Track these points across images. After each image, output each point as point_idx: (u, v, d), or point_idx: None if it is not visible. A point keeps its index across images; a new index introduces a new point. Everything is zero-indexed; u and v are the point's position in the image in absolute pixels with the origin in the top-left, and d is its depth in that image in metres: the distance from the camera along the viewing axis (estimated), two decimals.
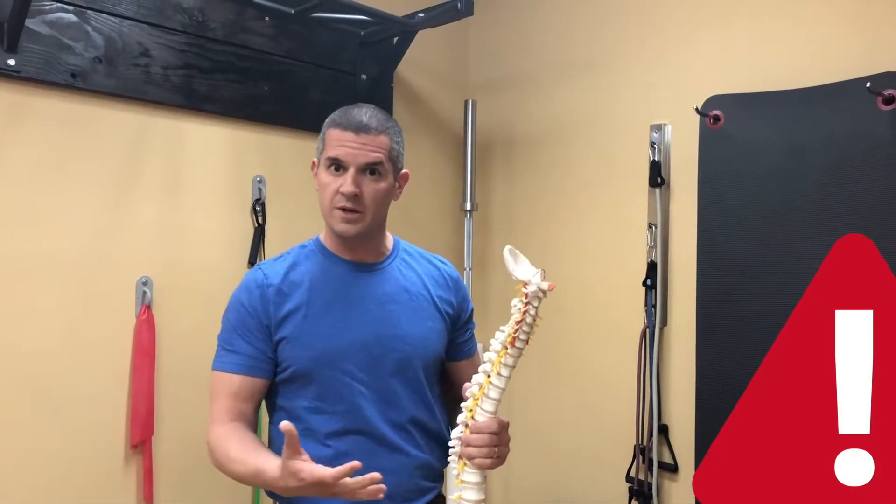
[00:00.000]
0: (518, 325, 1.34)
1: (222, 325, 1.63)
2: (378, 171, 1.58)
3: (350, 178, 1.54)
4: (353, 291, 1.62)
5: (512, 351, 1.36)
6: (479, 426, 1.41)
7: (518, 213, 2.78)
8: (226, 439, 1.53)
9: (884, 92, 1.88)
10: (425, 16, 2.39)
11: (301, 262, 1.65)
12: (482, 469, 1.42)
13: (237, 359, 1.58)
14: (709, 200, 2.19)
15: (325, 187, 1.57)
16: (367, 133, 1.56)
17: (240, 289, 1.63)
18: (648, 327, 2.34)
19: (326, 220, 1.61)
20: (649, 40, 2.42)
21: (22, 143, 1.91)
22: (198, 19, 2.18)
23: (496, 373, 1.38)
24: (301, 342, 1.57)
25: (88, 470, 1.99)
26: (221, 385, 1.58)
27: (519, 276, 1.34)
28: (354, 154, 1.55)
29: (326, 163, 1.58)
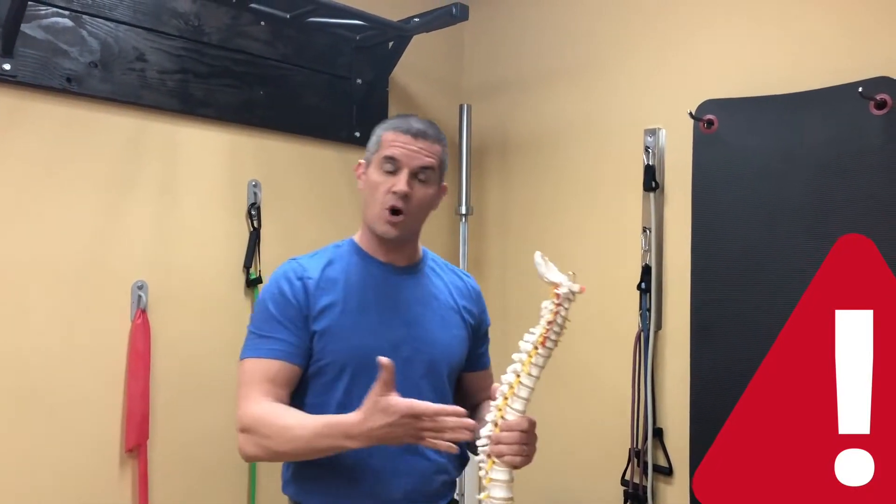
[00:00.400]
0: (549, 325, 1.40)
1: (257, 314, 1.62)
2: (428, 176, 1.63)
3: (404, 178, 1.59)
4: (386, 292, 1.65)
5: (542, 351, 1.41)
6: (510, 424, 1.43)
7: (513, 217, 2.79)
8: (273, 412, 1.50)
9: (876, 96, 1.90)
10: (420, 20, 2.39)
11: (336, 261, 1.67)
12: (511, 467, 1.44)
13: (276, 345, 1.57)
14: (703, 204, 2.20)
15: (376, 186, 1.61)
16: (425, 139, 1.62)
17: (278, 279, 1.63)
18: (643, 331, 2.35)
19: (370, 221, 1.64)
20: (643, 45, 2.43)
21: (18, 147, 1.90)
22: (193, 24, 2.19)
23: (526, 372, 1.41)
24: (337, 336, 1.58)
25: (83, 474, 1.98)
26: (257, 371, 1.56)
27: (551, 279, 1.40)
28: (410, 156, 1.60)
29: (380, 162, 1.61)
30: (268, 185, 2.35)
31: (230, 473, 2.27)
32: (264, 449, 1.51)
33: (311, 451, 1.48)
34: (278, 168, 2.39)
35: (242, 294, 2.30)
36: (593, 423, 2.51)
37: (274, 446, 1.49)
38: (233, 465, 2.27)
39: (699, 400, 2.17)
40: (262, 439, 1.50)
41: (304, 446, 1.47)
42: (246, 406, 1.53)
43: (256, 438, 1.50)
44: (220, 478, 2.24)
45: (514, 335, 1.87)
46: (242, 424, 1.53)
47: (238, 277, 2.29)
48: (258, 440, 1.50)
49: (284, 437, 1.48)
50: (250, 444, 1.52)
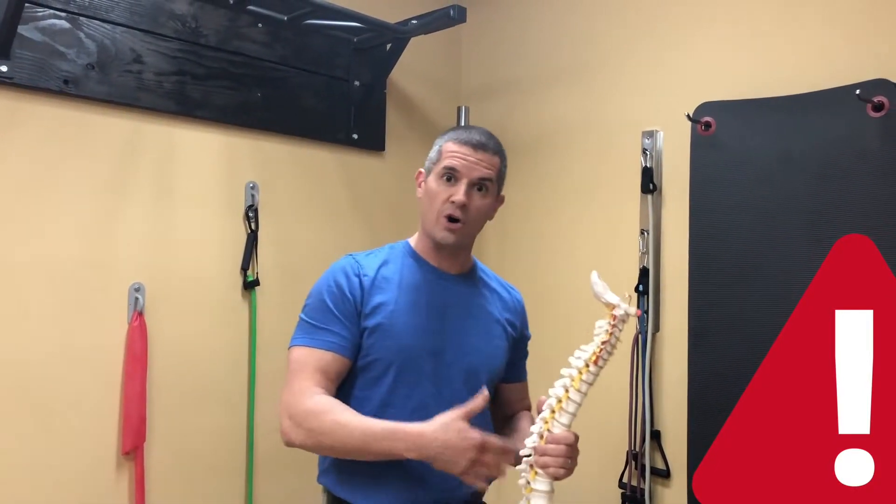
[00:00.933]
0: (603, 345, 1.44)
1: (311, 305, 1.65)
2: (486, 187, 1.67)
3: (462, 188, 1.62)
4: (437, 297, 1.69)
5: (593, 369, 1.44)
6: (557, 437, 1.47)
7: (510, 219, 2.78)
8: (330, 407, 1.52)
9: (873, 99, 1.90)
10: (418, 22, 2.39)
11: (391, 261, 1.71)
12: (553, 478, 1.48)
13: (331, 337, 1.60)
14: (700, 206, 2.20)
15: (436, 195, 1.65)
16: (485, 151, 1.66)
17: (336, 272, 1.66)
18: (641, 333, 2.35)
19: (428, 227, 1.67)
20: (641, 47, 2.43)
21: (14, 149, 1.90)
22: (191, 26, 2.18)
23: (576, 388, 1.45)
24: (387, 334, 1.62)
25: (80, 477, 1.98)
26: (310, 360, 1.59)
27: (610, 300, 1.45)
28: (470, 167, 1.64)
29: (441, 172, 1.65)
30: (265, 187, 2.35)
31: (227, 476, 2.26)
32: (315, 441, 1.53)
33: (361, 452, 1.50)
34: (276, 170, 2.39)
35: (240, 296, 2.30)
36: (591, 425, 2.48)
37: (326, 440, 1.52)
38: (230, 467, 2.27)
39: (697, 402, 2.17)
40: (315, 433, 1.52)
41: (358, 445, 1.49)
42: (299, 395, 1.55)
43: (307, 430, 1.52)
44: (217, 480, 2.24)
45: None
46: (292, 412, 1.54)
47: (235, 279, 2.29)
48: (308, 431, 1.52)
49: (338, 435, 1.50)
50: (299, 432, 1.53)
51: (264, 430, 2.32)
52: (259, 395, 2.31)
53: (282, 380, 2.33)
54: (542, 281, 2.63)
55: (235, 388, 2.28)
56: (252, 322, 2.31)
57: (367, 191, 2.62)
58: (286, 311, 2.36)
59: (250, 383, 2.30)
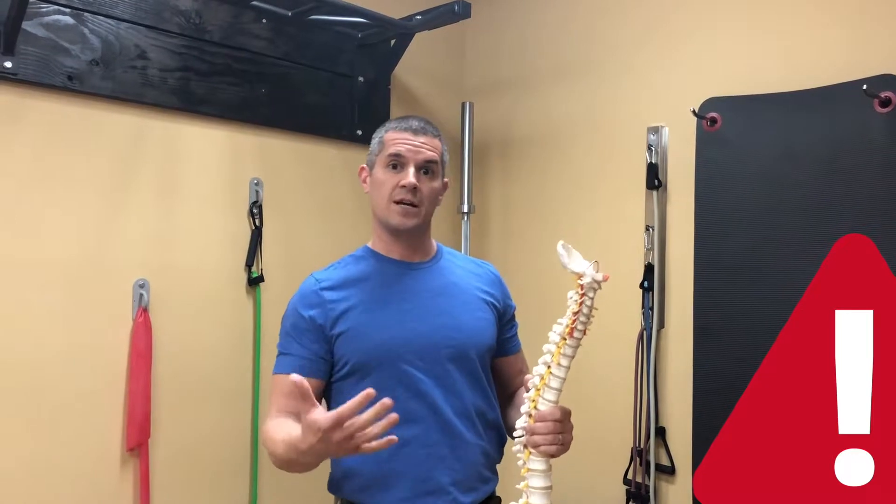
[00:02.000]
0: (575, 315, 1.40)
1: (281, 331, 1.70)
2: (433, 170, 1.69)
3: (411, 171, 1.64)
4: (405, 287, 1.70)
5: (570, 342, 1.42)
6: (543, 414, 1.46)
7: (515, 215, 2.78)
8: (270, 428, 1.57)
9: (880, 94, 1.89)
10: (422, 18, 2.39)
11: (353, 266, 1.72)
12: (547, 456, 1.47)
13: (291, 360, 1.63)
14: (706, 202, 2.19)
15: (383, 184, 1.67)
16: (425, 134, 1.69)
17: (295, 296, 1.70)
18: (645, 329, 2.34)
19: (381, 217, 1.69)
20: (646, 43, 2.42)
21: (18, 145, 1.90)
22: (195, 22, 2.18)
23: (556, 363, 1.44)
24: (359, 335, 1.63)
25: (85, 474, 1.98)
26: (277, 387, 1.64)
27: (574, 269, 1.39)
28: (414, 151, 1.66)
29: (386, 161, 1.67)
30: (269, 184, 2.35)
31: (232, 473, 2.27)
32: (279, 463, 1.54)
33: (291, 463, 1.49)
34: (280, 166, 2.39)
35: (244, 292, 2.30)
36: (595, 421, 2.50)
37: (275, 460, 1.54)
38: (234, 464, 2.27)
39: (702, 399, 2.17)
40: (268, 451, 1.56)
41: (285, 457, 1.49)
42: (264, 421, 1.64)
43: (268, 451, 1.56)
44: (221, 477, 2.24)
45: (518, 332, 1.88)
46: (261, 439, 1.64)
47: (240, 276, 2.29)
48: (269, 452, 1.56)
49: (274, 453, 1.52)
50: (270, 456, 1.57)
51: None
52: (263, 392, 2.31)
53: None
54: (545, 278, 2.62)
55: (240, 384, 2.29)
56: (256, 318, 2.31)
57: None
58: None
59: (254, 379, 2.31)
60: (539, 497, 1.45)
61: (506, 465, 1.73)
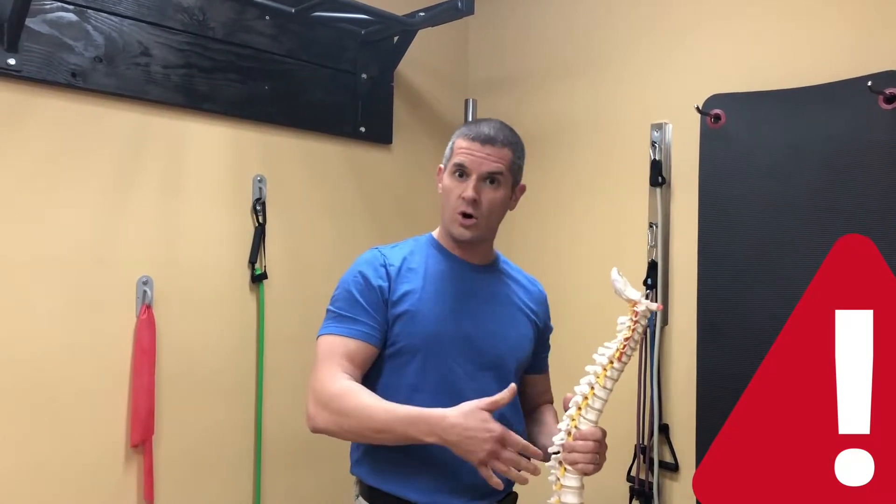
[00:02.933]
0: (626, 341, 1.46)
1: (338, 296, 1.67)
2: (497, 180, 1.68)
3: (472, 184, 1.65)
4: (462, 285, 1.71)
5: (618, 365, 1.47)
6: (585, 434, 1.50)
7: (518, 212, 2.75)
8: (354, 390, 1.54)
9: (885, 91, 1.88)
10: (426, 15, 2.38)
11: (416, 251, 1.74)
12: (584, 474, 1.50)
13: (358, 325, 1.62)
14: (710, 199, 2.18)
15: (450, 192, 1.68)
16: (493, 145, 1.67)
17: (361, 265, 1.69)
18: (649, 327, 2.34)
19: (446, 223, 1.71)
20: (650, 39, 2.41)
21: (22, 142, 1.91)
22: (198, 18, 2.18)
23: (601, 385, 1.49)
24: (414, 320, 1.64)
25: (89, 470, 1.99)
26: (337, 347, 1.61)
27: (630, 297, 1.47)
28: (478, 163, 1.66)
29: (452, 168, 1.68)
30: (273, 181, 2.35)
31: (235, 468, 2.27)
32: (338, 425, 1.54)
33: (383, 435, 1.51)
34: (283, 163, 2.39)
35: (248, 289, 2.30)
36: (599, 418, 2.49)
37: (348, 424, 1.53)
38: (238, 460, 2.28)
39: (705, 396, 2.16)
40: (338, 415, 1.53)
41: (379, 428, 1.50)
42: (325, 380, 1.57)
43: (331, 413, 1.54)
44: (225, 473, 2.25)
45: None
46: (317, 397, 1.56)
47: (243, 273, 2.30)
48: (333, 415, 1.54)
49: (361, 416, 1.51)
50: (323, 417, 1.55)
51: (272, 422, 2.33)
52: (267, 388, 2.32)
53: (289, 372, 2.36)
54: (550, 274, 2.60)
55: (243, 380, 2.29)
56: (260, 315, 2.31)
57: (374, 184, 2.62)
58: (294, 304, 2.38)
59: (258, 376, 2.31)
60: None
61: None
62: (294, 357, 2.35)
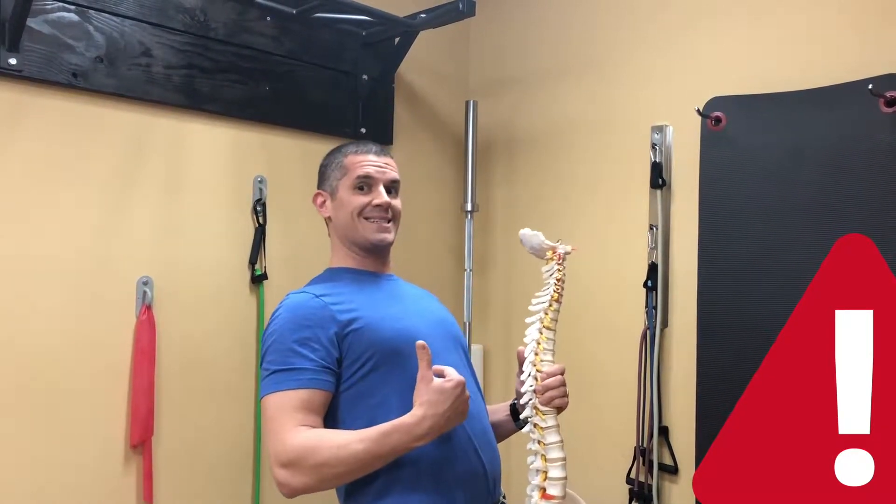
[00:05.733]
0: (558, 282, 1.61)
1: (272, 350, 1.59)
2: (396, 189, 1.78)
3: (383, 191, 1.72)
4: (392, 292, 1.77)
5: (556, 306, 1.61)
6: (552, 371, 1.59)
7: (519, 214, 2.78)
8: (319, 437, 1.48)
9: (886, 94, 1.88)
10: (427, 16, 2.38)
11: (334, 280, 1.74)
12: (559, 409, 1.58)
13: (301, 375, 1.54)
14: (710, 202, 2.19)
15: (353, 206, 1.72)
16: (386, 155, 1.78)
17: (291, 308, 1.62)
18: (649, 328, 2.34)
19: (354, 237, 1.74)
20: (651, 41, 2.42)
21: (23, 142, 1.91)
22: (199, 19, 2.18)
23: (547, 327, 1.60)
24: (378, 327, 1.62)
25: (88, 470, 1.99)
26: (285, 403, 1.52)
27: (550, 244, 1.64)
28: (382, 171, 1.74)
29: (354, 183, 1.73)
30: (273, 181, 2.35)
31: (235, 469, 2.27)
32: (317, 476, 1.46)
33: (371, 462, 1.46)
34: (284, 164, 2.39)
35: (248, 290, 2.30)
36: (598, 420, 2.50)
37: (330, 471, 1.46)
38: (237, 461, 2.28)
39: (705, 398, 2.16)
40: (315, 468, 1.46)
41: (364, 458, 1.45)
42: (285, 440, 1.48)
43: (306, 469, 1.46)
44: (224, 474, 2.25)
45: (519, 329, 1.88)
46: (284, 459, 1.47)
47: (243, 274, 2.29)
48: (309, 470, 1.46)
49: (341, 456, 1.45)
50: (298, 476, 1.46)
51: None
52: None
53: None
54: None
55: (243, 381, 2.29)
56: (260, 316, 2.31)
57: None
58: None
59: (258, 377, 2.30)
60: (556, 450, 1.54)
61: None
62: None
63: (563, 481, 1.54)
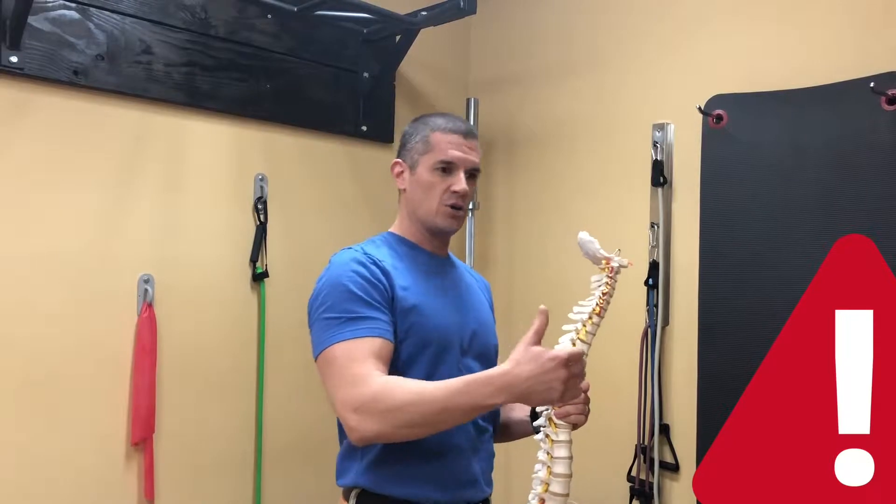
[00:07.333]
0: (604, 296, 1.51)
1: (335, 299, 1.51)
2: (476, 176, 1.68)
3: (462, 178, 1.62)
4: (442, 279, 1.69)
5: (596, 320, 1.50)
6: None
7: (519, 212, 2.78)
8: (397, 382, 1.42)
9: (887, 92, 1.87)
10: (428, 14, 2.38)
11: (390, 249, 1.65)
12: (575, 426, 1.51)
13: (373, 324, 1.49)
14: (711, 200, 2.18)
15: (433, 187, 1.62)
16: (473, 138, 1.66)
17: (348, 264, 1.55)
18: (650, 327, 2.34)
19: (427, 218, 1.64)
20: (652, 39, 2.41)
21: (24, 140, 1.91)
22: (200, 17, 2.18)
23: (582, 340, 1.49)
24: (423, 313, 1.57)
25: (89, 468, 1.99)
26: (358, 350, 1.45)
27: (605, 255, 1.53)
28: (465, 158, 1.63)
29: (435, 164, 1.62)
30: (274, 179, 2.35)
31: (236, 467, 2.27)
32: (391, 424, 1.39)
33: (444, 416, 1.38)
34: (284, 162, 2.39)
35: (249, 288, 2.31)
36: (600, 419, 2.47)
37: (404, 417, 1.38)
38: (238, 458, 2.28)
39: (706, 396, 2.16)
40: (389, 414, 1.38)
41: (440, 409, 1.36)
42: (358, 384, 1.41)
43: (379, 415, 1.39)
44: (225, 471, 2.25)
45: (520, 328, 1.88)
46: (357, 403, 1.40)
47: (244, 271, 2.30)
48: (381, 414, 1.39)
49: (417, 404, 1.37)
50: (371, 421, 1.39)
51: (273, 421, 2.33)
52: (267, 387, 2.32)
53: (290, 371, 2.36)
54: (550, 274, 2.62)
55: (244, 379, 2.29)
56: (261, 314, 2.32)
57: (375, 182, 2.61)
58: (295, 303, 2.36)
59: (259, 375, 2.31)
60: (563, 466, 1.48)
61: None
62: (295, 356, 2.35)
63: (563, 498, 1.48)
